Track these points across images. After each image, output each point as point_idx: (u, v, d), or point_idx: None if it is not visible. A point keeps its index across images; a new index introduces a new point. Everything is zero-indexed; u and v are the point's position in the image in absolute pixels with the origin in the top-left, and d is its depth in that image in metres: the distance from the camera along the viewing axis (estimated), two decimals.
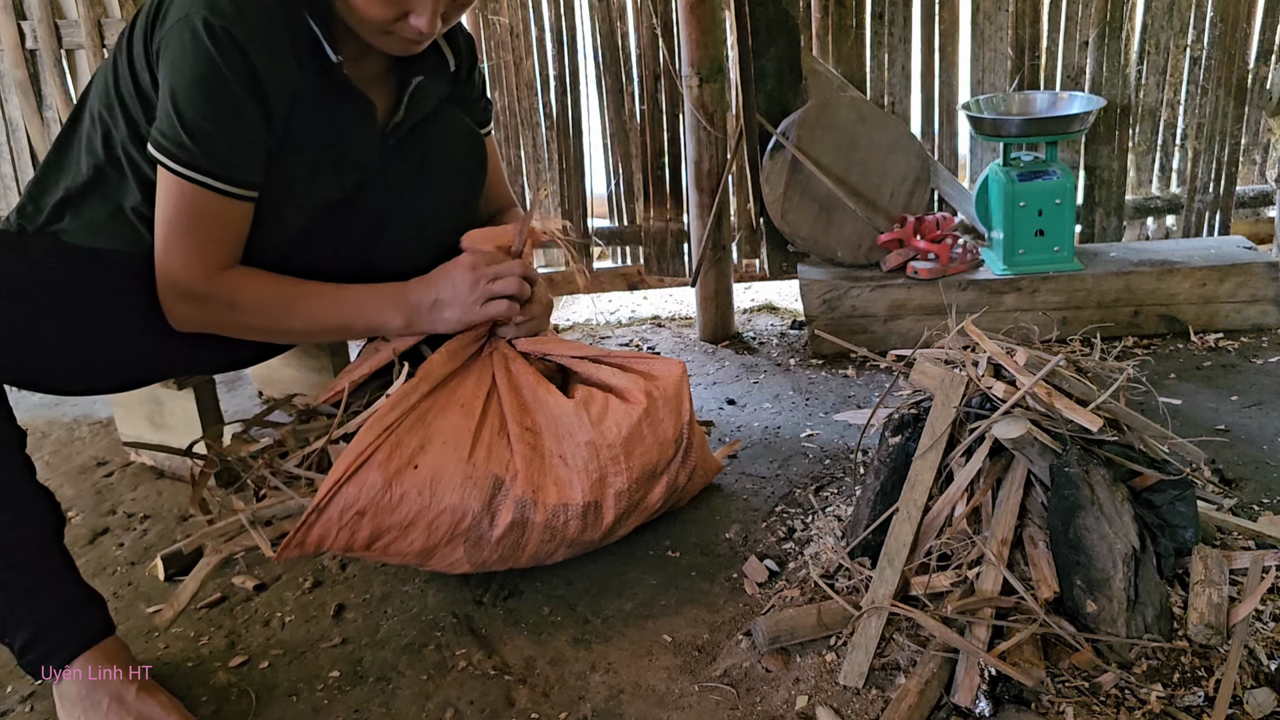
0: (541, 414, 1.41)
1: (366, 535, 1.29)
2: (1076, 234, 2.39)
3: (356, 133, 1.40)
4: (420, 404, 1.35)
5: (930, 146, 2.52)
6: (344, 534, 1.28)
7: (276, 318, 1.35)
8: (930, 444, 1.34)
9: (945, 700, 1.16)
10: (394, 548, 1.33)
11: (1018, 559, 1.28)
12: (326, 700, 1.29)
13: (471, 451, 1.33)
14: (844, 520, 1.54)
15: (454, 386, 1.41)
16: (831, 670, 1.24)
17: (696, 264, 2.40)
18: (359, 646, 1.39)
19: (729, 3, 2.28)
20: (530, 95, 2.55)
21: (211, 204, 1.26)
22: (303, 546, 1.27)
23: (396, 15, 1.26)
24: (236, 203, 1.29)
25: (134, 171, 1.31)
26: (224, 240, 1.31)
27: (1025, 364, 1.35)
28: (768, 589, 1.43)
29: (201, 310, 1.31)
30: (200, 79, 1.20)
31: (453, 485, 1.30)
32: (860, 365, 2.21)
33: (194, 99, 1.20)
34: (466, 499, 1.30)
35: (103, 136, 1.31)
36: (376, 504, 1.27)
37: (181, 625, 1.45)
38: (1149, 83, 2.47)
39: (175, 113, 1.21)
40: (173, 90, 1.21)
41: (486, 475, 1.32)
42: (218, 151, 1.24)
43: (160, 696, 1.22)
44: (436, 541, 1.32)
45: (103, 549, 1.68)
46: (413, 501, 1.29)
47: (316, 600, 1.49)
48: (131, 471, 1.95)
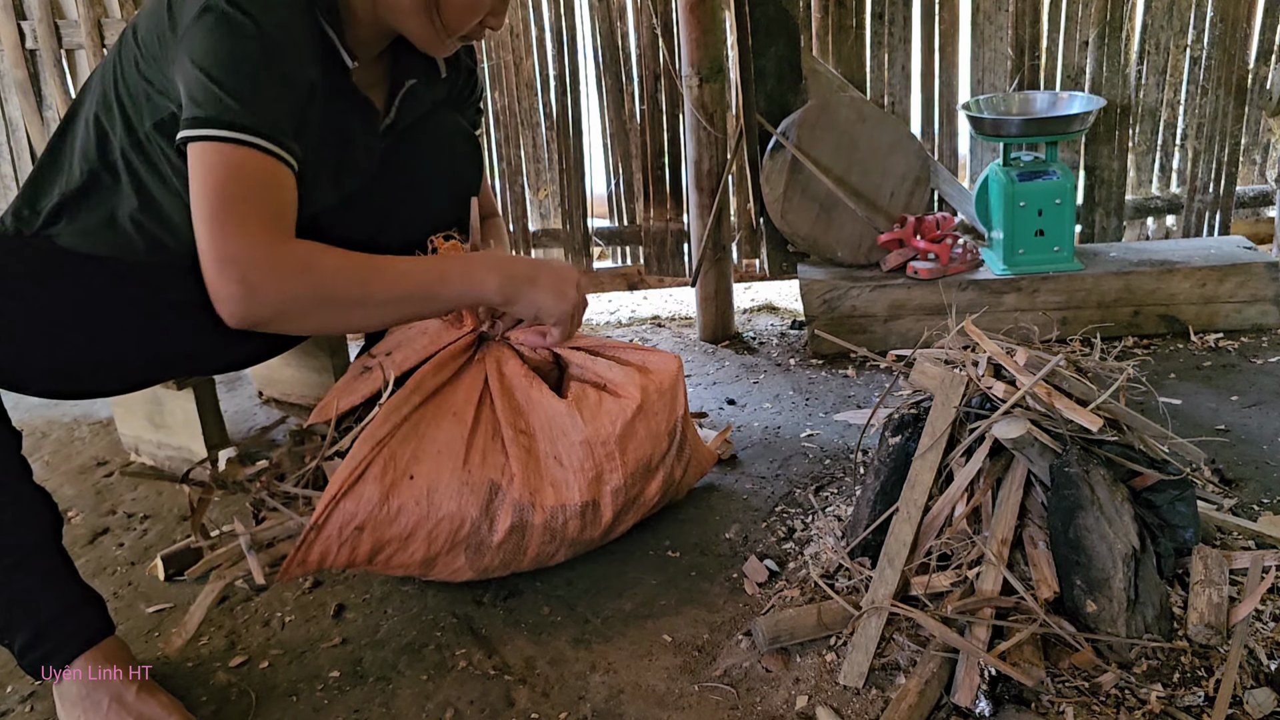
0: (535, 415, 1.41)
1: (367, 549, 1.30)
2: (1076, 234, 2.39)
3: (358, 136, 1.40)
4: (412, 415, 1.35)
5: (930, 146, 2.52)
6: (345, 550, 1.28)
7: (360, 282, 1.17)
8: (930, 444, 1.34)
9: (945, 700, 1.16)
10: (396, 560, 1.33)
11: (1018, 559, 1.28)
12: (326, 700, 1.29)
13: (466, 458, 1.33)
14: (844, 520, 1.54)
15: (445, 395, 1.41)
16: (831, 670, 1.24)
17: (696, 264, 2.40)
18: (359, 646, 1.39)
19: (729, 3, 2.28)
20: (530, 95, 2.54)
21: (261, 165, 1.12)
22: (304, 565, 1.28)
23: (479, 20, 1.29)
24: (287, 170, 1.15)
25: (130, 177, 1.30)
26: (279, 204, 1.14)
27: (1025, 364, 1.35)
28: (768, 589, 1.43)
29: (275, 282, 1.11)
30: (235, 52, 1.13)
31: (449, 493, 1.30)
32: (860, 365, 2.21)
33: (232, 69, 1.12)
34: (464, 506, 1.30)
35: (97, 141, 1.30)
36: (375, 518, 1.27)
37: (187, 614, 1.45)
38: (1149, 83, 2.47)
39: (213, 83, 1.11)
40: (207, 70, 1.12)
41: (482, 481, 1.32)
42: (266, 111, 1.13)
43: (160, 696, 1.22)
44: (438, 551, 1.32)
45: (103, 549, 1.68)
46: (411, 512, 1.29)
47: (316, 600, 1.49)
48: (126, 471, 1.95)
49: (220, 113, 1.11)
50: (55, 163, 1.35)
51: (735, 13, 2.27)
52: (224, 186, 1.10)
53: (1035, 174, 2.19)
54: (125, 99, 1.26)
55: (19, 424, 1.21)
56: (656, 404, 1.45)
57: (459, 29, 1.31)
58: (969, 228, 2.50)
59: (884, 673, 1.22)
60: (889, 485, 1.39)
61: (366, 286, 1.18)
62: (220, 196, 1.10)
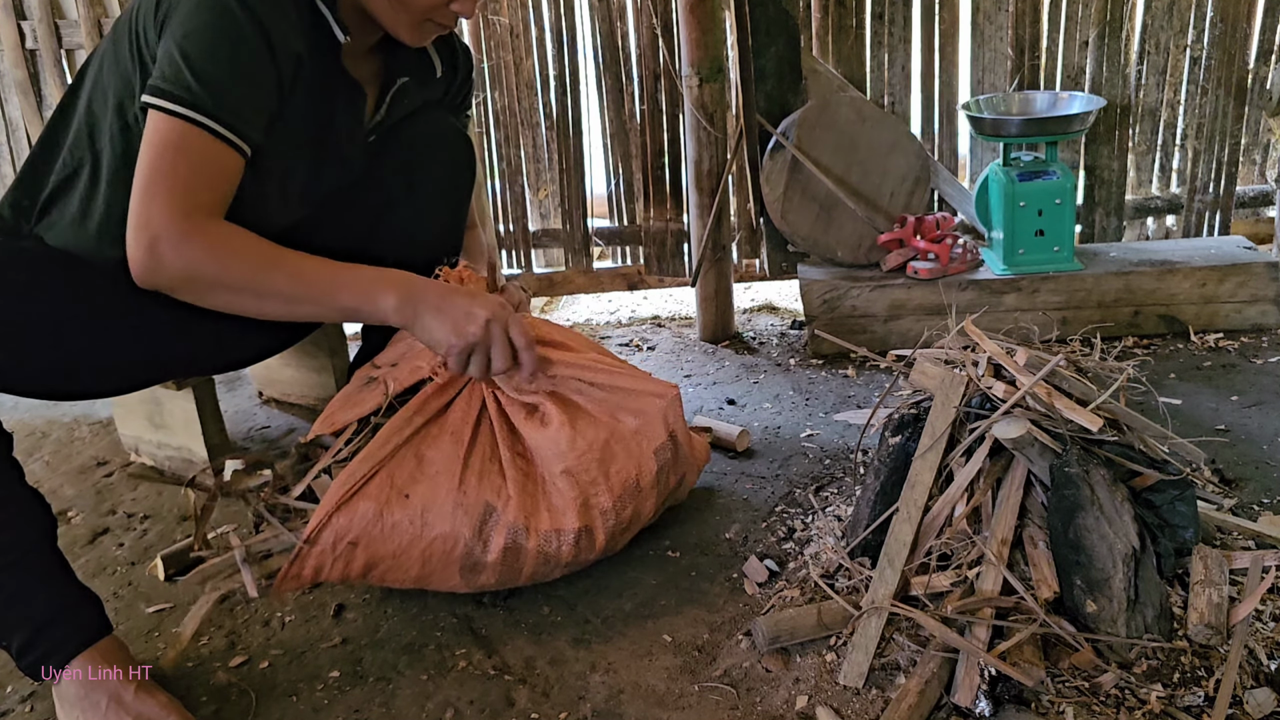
0: (528, 439, 1.40)
1: (361, 565, 1.30)
2: (1076, 234, 2.39)
3: (344, 120, 1.40)
4: (413, 438, 1.35)
5: (930, 146, 2.51)
6: (339, 564, 1.29)
7: (259, 269, 1.21)
8: (930, 444, 1.34)
9: (945, 700, 1.16)
10: (390, 575, 1.33)
11: (1018, 559, 1.28)
12: (326, 700, 1.29)
13: (462, 479, 1.32)
14: (844, 520, 1.54)
15: (446, 414, 1.40)
16: (831, 670, 1.24)
17: (697, 264, 2.40)
18: (359, 646, 1.39)
19: (729, 3, 2.28)
20: (530, 95, 2.54)
21: (205, 145, 1.18)
22: (299, 579, 1.28)
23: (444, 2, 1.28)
24: (231, 151, 1.21)
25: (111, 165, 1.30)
26: (211, 185, 1.20)
27: (1025, 364, 1.35)
28: (768, 589, 1.43)
29: (178, 256, 1.17)
30: (212, 26, 1.17)
31: (443, 513, 1.30)
32: (860, 365, 2.21)
33: (204, 46, 1.17)
34: (458, 526, 1.30)
35: (89, 129, 1.31)
36: (369, 534, 1.28)
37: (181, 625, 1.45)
38: (1149, 83, 2.47)
39: (182, 57, 1.17)
40: (181, 40, 1.17)
41: (478, 502, 1.32)
42: (223, 97, 1.18)
43: (159, 696, 1.22)
44: (432, 569, 1.32)
45: (102, 549, 1.68)
46: (405, 530, 1.29)
47: (316, 600, 1.49)
48: (131, 472, 1.95)
49: (178, 89, 1.17)
50: (49, 151, 1.36)
51: (735, 13, 2.27)
52: (162, 158, 1.17)
53: (1035, 174, 2.18)
54: (118, 83, 1.27)
55: (18, 424, 1.22)
56: (642, 430, 1.42)
57: (420, 11, 1.29)
58: (969, 228, 2.50)
59: (884, 673, 1.22)
60: (889, 485, 1.39)
61: (264, 277, 1.22)
62: (156, 167, 1.17)
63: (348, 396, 1.48)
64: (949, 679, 1.18)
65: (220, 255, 1.20)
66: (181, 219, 1.17)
